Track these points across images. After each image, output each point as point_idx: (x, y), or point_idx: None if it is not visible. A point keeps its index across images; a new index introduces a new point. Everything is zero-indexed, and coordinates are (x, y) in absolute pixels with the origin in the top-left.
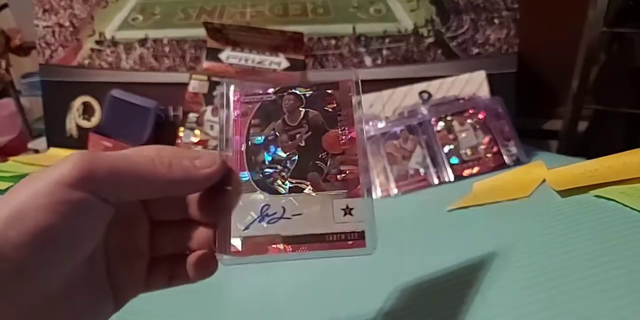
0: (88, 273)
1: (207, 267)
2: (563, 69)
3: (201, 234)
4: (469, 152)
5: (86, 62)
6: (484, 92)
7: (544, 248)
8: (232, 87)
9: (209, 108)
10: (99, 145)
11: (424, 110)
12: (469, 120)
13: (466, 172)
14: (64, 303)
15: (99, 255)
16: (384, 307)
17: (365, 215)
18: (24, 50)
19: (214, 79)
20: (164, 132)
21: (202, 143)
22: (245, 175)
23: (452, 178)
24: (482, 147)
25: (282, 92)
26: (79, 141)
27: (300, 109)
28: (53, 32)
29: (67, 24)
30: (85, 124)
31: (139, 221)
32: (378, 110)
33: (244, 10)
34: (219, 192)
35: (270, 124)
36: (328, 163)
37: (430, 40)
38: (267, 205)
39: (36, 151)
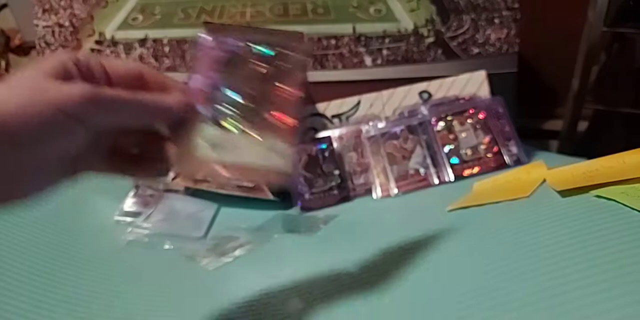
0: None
1: (159, 169)
2: (563, 69)
3: (159, 144)
4: (469, 152)
5: None
6: (484, 92)
7: (543, 248)
8: (206, 34)
9: None
10: None
11: (424, 110)
12: (469, 120)
13: (466, 172)
14: (36, 173)
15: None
16: (381, 305)
17: (292, 160)
18: (24, 50)
19: None
20: None
21: None
22: (203, 110)
23: (452, 178)
24: (483, 147)
25: (251, 45)
26: None
27: (262, 64)
28: (53, 32)
29: (67, 23)
30: None
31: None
32: (378, 110)
33: (244, 10)
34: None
35: (236, 71)
36: (273, 113)
37: (431, 40)
38: (218, 138)
39: None
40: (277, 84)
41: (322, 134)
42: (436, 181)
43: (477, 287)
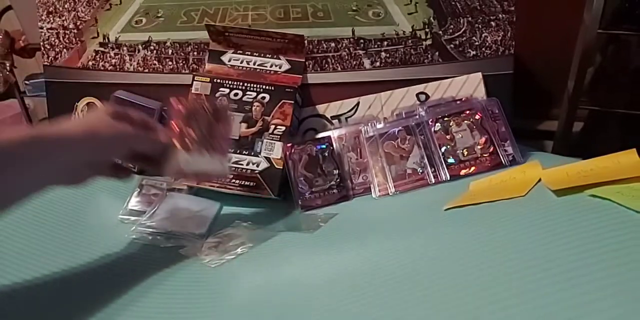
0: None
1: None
2: (559, 71)
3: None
4: (465, 152)
5: (90, 64)
6: (481, 93)
7: (539, 247)
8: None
9: None
10: None
11: (421, 111)
12: (465, 121)
13: (463, 172)
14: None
15: None
16: (378, 305)
17: (227, 166)
18: (28, 52)
19: (217, 80)
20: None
21: None
22: (177, 142)
23: (448, 178)
24: (479, 147)
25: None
26: None
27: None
28: (57, 34)
29: (71, 26)
30: None
31: None
32: (376, 112)
33: (246, 13)
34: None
35: (191, 118)
36: (215, 141)
37: (428, 42)
38: (187, 158)
39: None
40: (216, 125)
41: (322, 135)
42: (433, 181)
43: (472, 285)
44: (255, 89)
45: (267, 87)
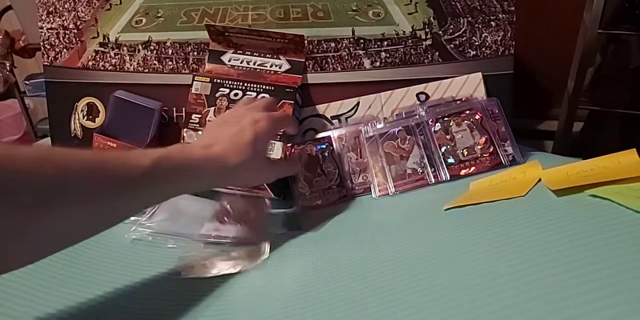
0: None
1: None
2: (559, 71)
3: None
4: (465, 152)
5: (90, 64)
6: (481, 93)
7: (539, 247)
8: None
9: (212, 109)
10: (103, 145)
11: (421, 111)
12: (465, 121)
13: (463, 172)
14: None
15: None
16: (378, 305)
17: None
18: (28, 51)
19: (217, 80)
20: (168, 133)
21: None
22: None
23: (448, 178)
24: (479, 147)
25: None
26: (84, 141)
27: None
28: (57, 34)
29: (71, 26)
30: (90, 124)
31: None
32: (377, 112)
33: (246, 13)
34: None
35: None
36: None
37: (428, 42)
38: None
39: None
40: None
41: (322, 135)
42: (433, 181)
43: (472, 285)
44: (255, 89)
45: (267, 87)
